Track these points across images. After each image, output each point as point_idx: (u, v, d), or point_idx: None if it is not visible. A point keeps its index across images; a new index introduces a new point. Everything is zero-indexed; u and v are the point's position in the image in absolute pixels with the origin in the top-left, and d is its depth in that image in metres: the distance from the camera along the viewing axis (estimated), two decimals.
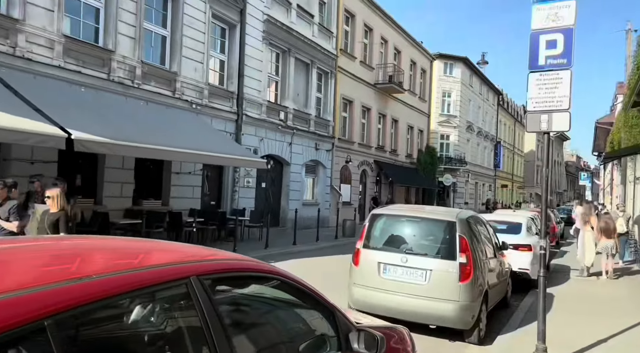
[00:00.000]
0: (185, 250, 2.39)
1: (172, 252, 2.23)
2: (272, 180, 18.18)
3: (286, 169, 18.78)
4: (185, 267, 1.90)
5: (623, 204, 18.49)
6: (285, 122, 18.16)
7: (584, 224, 11.95)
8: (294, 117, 18.75)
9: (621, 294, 9.27)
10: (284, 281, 2.41)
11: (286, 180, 18.76)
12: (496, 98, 51.88)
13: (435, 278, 5.85)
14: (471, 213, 6.87)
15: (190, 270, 1.86)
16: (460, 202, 40.72)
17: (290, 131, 18.47)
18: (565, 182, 79.60)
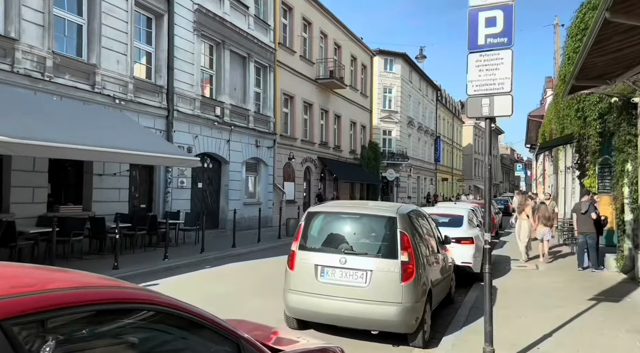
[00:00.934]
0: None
1: None
2: (209, 180, 17.23)
3: (225, 167, 17.88)
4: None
5: (549, 193, 19.38)
6: (222, 118, 17.26)
7: (519, 213, 12.62)
8: (231, 113, 17.89)
9: (560, 283, 9.30)
10: (164, 311, 1.76)
11: (225, 180, 17.86)
12: (435, 94, 53.14)
13: (376, 280, 5.37)
14: (412, 208, 6.48)
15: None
16: (404, 196, 41.30)
17: (227, 128, 17.58)
18: (501, 174, 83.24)
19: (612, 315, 6.73)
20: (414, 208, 6.61)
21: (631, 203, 9.11)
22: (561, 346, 5.36)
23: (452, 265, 8.00)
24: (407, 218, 5.81)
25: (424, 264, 5.79)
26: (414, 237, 5.71)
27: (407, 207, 6.31)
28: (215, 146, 17.01)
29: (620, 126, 9.23)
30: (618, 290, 8.40)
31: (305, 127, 25.29)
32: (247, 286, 8.91)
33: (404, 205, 6.41)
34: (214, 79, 17.36)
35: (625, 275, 9.49)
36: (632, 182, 9.01)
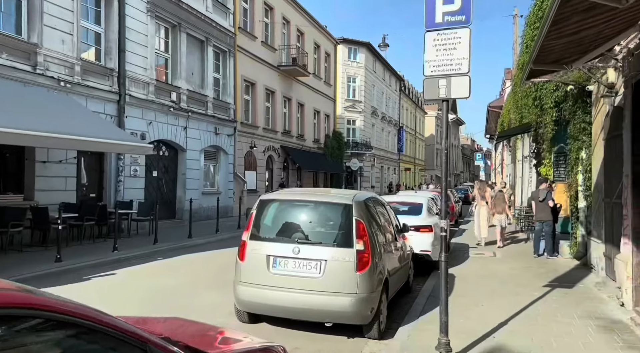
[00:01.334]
0: None
1: None
2: (165, 168, 16.58)
3: (182, 155, 17.24)
4: None
5: (505, 182, 20.00)
6: (178, 104, 16.59)
7: (479, 200, 13.31)
8: (188, 99, 17.22)
9: (516, 270, 9.38)
10: (50, 318, 1.43)
11: (182, 168, 17.24)
12: (398, 84, 53.45)
13: (331, 270, 5.13)
14: (369, 195, 6.26)
15: None
16: (367, 185, 41.49)
17: (184, 114, 16.93)
18: (462, 164, 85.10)
19: (565, 301, 6.77)
20: (371, 195, 6.40)
21: (585, 190, 9.25)
22: (516, 334, 5.30)
23: (410, 253, 7.89)
24: (363, 206, 5.59)
25: (381, 253, 5.59)
26: (370, 225, 5.50)
27: (364, 194, 6.08)
28: (172, 133, 16.35)
29: (576, 114, 9.32)
30: (571, 276, 8.52)
31: (268, 115, 24.80)
32: (200, 278, 8.52)
33: (361, 192, 6.20)
34: (169, 63, 16.64)
35: (578, 262, 9.66)
36: (586, 170, 9.14)
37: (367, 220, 5.45)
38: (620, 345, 4.91)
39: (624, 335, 5.21)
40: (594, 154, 8.70)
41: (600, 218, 8.18)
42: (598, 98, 8.34)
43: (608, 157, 7.62)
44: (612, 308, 6.30)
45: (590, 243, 8.91)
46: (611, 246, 7.43)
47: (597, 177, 8.43)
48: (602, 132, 7.97)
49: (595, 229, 8.60)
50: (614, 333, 5.30)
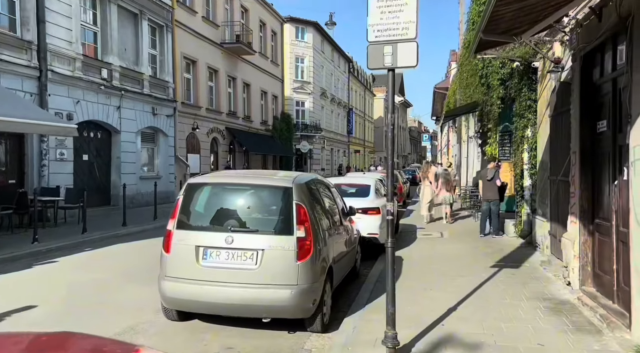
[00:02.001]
0: None
1: None
2: (97, 152, 15.35)
3: (116, 137, 16.03)
4: None
5: (450, 162, 20.87)
6: (110, 82, 15.31)
7: (423, 180, 13.85)
8: (121, 77, 15.95)
9: (463, 250, 9.27)
10: None
11: (116, 151, 16.04)
12: (347, 65, 53.12)
13: (268, 260, 4.61)
14: (312, 177, 5.76)
15: None
16: (318, 168, 41.18)
17: (117, 93, 15.67)
18: (409, 145, 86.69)
19: (513, 281, 6.63)
20: (314, 177, 5.90)
21: (530, 169, 9.22)
22: (466, 320, 5.03)
23: (357, 237, 7.52)
24: (304, 189, 5.08)
25: (324, 239, 5.13)
26: (312, 209, 5.01)
27: (306, 176, 5.57)
28: (103, 113, 15.10)
29: (521, 91, 9.22)
30: (517, 255, 8.48)
31: (211, 95, 23.69)
32: (128, 270, 7.75)
33: (303, 174, 5.68)
34: (99, 37, 15.27)
35: (523, 240, 9.69)
36: (532, 148, 9.09)
37: (309, 204, 4.95)
38: (569, 328, 4.73)
39: (572, 317, 5.07)
40: (539, 132, 8.63)
41: (545, 197, 8.13)
42: (544, 74, 8.22)
43: (554, 135, 7.52)
44: (559, 287, 6.21)
45: (535, 221, 8.91)
46: (556, 224, 7.38)
47: (542, 155, 8.37)
48: (548, 109, 7.86)
49: (540, 208, 8.59)
50: (563, 315, 5.15)
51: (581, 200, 5.75)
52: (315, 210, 5.11)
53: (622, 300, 4.82)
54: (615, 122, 5.01)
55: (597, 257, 5.59)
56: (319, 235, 4.97)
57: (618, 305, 4.90)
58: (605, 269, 5.35)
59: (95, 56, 15.09)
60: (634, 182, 4.25)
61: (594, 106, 5.59)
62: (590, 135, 5.65)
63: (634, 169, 4.21)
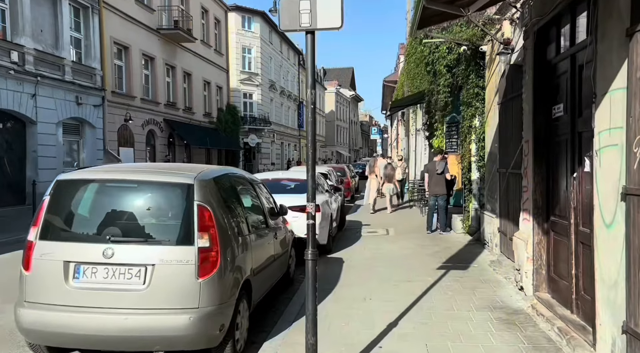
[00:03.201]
0: None
1: None
2: (7, 144, 13.60)
3: (31, 128, 14.30)
4: None
5: (401, 156, 21.20)
6: (23, 67, 13.58)
7: (370, 173, 14.95)
8: (37, 61, 14.22)
9: (409, 249, 8.59)
10: None
11: (32, 144, 14.32)
12: (297, 58, 52.03)
13: (161, 278, 3.62)
14: (225, 171, 4.77)
15: None
16: (267, 162, 40.01)
17: (32, 79, 13.95)
18: (361, 140, 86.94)
19: (461, 286, 5.95)
20: (228, 171, 4.90)
21: (478, 161, 8.65)
22: (408, 339, 4.25)
23: (291, 239, 6.63)
24: (211, 186, 4.09)
25: (238, 247, 4.19)
26: (222, 211, 4.04)
27: (216, 170, 4.57)
28: (14, 102, 13.37)
29: (469, 78, 8.62)
30: (465, 254, 7.88)
31: (147, 84, 22.03)
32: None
33: (212, 167, 4.68)
34: (7, 15, 13.47)
35: (471, 237, 9.14)
36: (479, 139, 8.51)
37: (217, 205, 3.99)
38: (525, 346, 4.05)
39: (527, 330, 4.40)
40: (487, 121, 8.04)
41: (494, 191, 7.56)
42: (492, 58, 7.61)
43: (503, 123, 6.92)
44: (511, 293, 5.57)
45: (483, 217, 8.35)
46: (506, 221, 6.79)
47: (491, 145, 7.79)
48: (497, 96, 7.26)
49: (488, 202, 8.02)
50: (516, 328, 4.47)
51: (535, 194, 5.12)
52: (226, 212, 4.14)
53: (582, 311, 4.19)
54: (573, 105, 4.37)
55: (552, 259, 4.97)
56: (230, 243, 4.02)
57: (578, 316, 4.27)
58: (562, 273, 4.74)
59: (3, 37, 13.30)
60: (598, 175, 3.58)
61: (549, 88, 4.95)
62: (545, 122, 5.02)
63: (599, 159, 3.53)
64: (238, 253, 4.16)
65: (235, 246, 4.14)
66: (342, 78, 77.19)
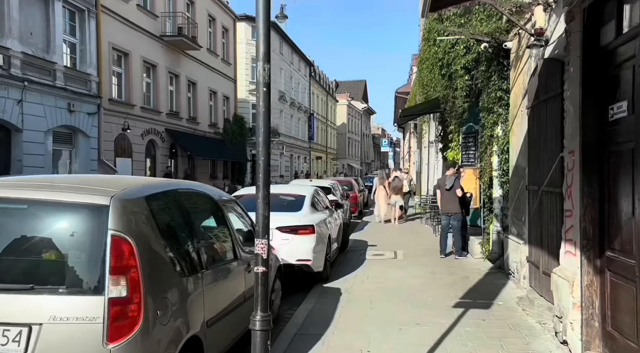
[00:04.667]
0: None
1: None
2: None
3: (16, 137, 13.40)
4: None
5: (407, 168, 22.57)
6: (8, 70, 12.74)
7: (379, 185, 15.81)
8: (25, 65, 13.37)
9: (420, 278, 7.35)
10: None
11: (17, 153, 13.41)
12: (308, 69, 51.29)
13: (50, 344, 2.49)
14: (169, 186, 3.53)
15: None
16: (276, 174, 39.00)
17: (18, 83, 13.10)
18: (373, 153, 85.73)
19: (484, 334, 4.72)
20: (174, 186, 3.68)
21: (501, 176, 7.43)
22: None
23: (276, 268, 5.48)
24: (139, 208, 2.94)
25: (180, 293, 3.04)
26: (155, 244, 2.91)
27: (153, 185, 3.38)
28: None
29: (490, 81, 7.45)
30: (487, 287, 6.62)
31: (148, 92, 21.19)
32: None
33: (148, 180, 3.57)
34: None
35: (492, 264, 7.88)
36: (502, 150, 7.31)
37: (146, 235, 2.85)
38: None
39: None
40: (512, 129, 6.85)
41: (521, 212, 6.33)
42: (519, 56, 6.44)
43: (534, 131, 5.72)
44: (550, 346, 4.32)
45: (507, 243, 7.09)
46: (538, 249, 5.55)
47: (517, 157, 6.58)
48: (525, 99, 6.07)
49: (514, 225, 6.77)
50: None
51: (583, 221, 3.90)
52: (161, 244, 2.99)
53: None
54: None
55: (609, 308, 3.74)
56: (164, 288, 2.89)
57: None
58: (623, 329, 3.50)
59: None
60: None
61: (605, 82, 3.77)
62: (598, 126, 3.83)
63: None
64: (179, 301, 3.02)
65: (175, 292, 3.00)
66: (354, 91, 76.38)
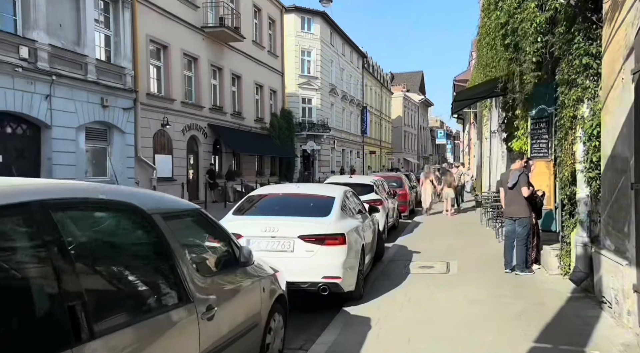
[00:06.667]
0: None
1: None
2: (17, 151, 12.27)
3: (46, 134, 12.94)
4: None
5: (460, 163, 22.98)
6: (34, 63, 12.24)
7: (425, 179, 16.31)
8: (53, 58, 12.86)
9: (477, 304, 5.69)
10: None
11: (47, 151, 12.94)
12: (361, 61, 49.53)
13: None
14: (33, 194, 2.25)
15: None
16: (327, 170, 37.79)
17: (46, 78, 12.60)
18: (430, 146, 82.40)
19: None
20: (65, 192, 2.39)
21: (588, 169, 5.58)
22: None
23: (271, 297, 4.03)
24: None
25: None
26: None
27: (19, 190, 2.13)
28: (24, 103, 12.01)
29: (572, 43, 5.62)
30: (571, 323, 4.85)
31: (190, 86, 20.54)
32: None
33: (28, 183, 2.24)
34: (18, 8, 12.20)
35: (573, 284, 6.03)
36: (590, 136, 5.47)
37: None
38: None
39: None
40: (606, 106, 5.02)
41: (622, 220, 4.53)
42: (617, 3, 4.62)
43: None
44: None
45: (599, 260, 5.25)
46: None
47: (614, 144, 4.76)
48: (630, 61, 4.27)
49: (610, 237, 4.95)
50: None
51: None
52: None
53: None
54: None
55: None
56: None
57: None
58: None
59: (15, 31, 12.02)
60: None
61: None
62: None
63: None
64: None
65: None
66: (410, 83, 73.55)
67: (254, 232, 5.58)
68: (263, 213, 6.28)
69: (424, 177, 16.63)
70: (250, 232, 5.57)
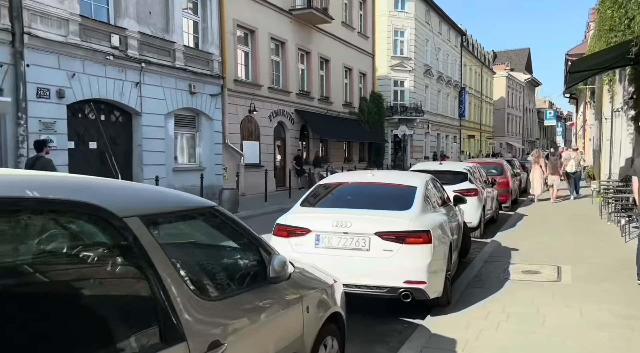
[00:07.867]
0: None
1: None
2: (111, 139, 12.73)
3: (137, 120, 13.33)
4: None
5: (576, 146, 21.64)
6: (125, 51, 12.57)
7: (534, 164, 15.34)
8: (142, 45, 13.15)
9: (605, 327, 4.40)
10: None
11: (138, 138, 13.34)
12: (459, 39, 46.42)
13: None
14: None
15: None
16: (420, 156, 36.10)
17: (136, 65, 12.90)
18: (537, 129, 75.83)
19: None
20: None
21: None
22: None
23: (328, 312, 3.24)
24: None
25: None
26: None
27: None
28: (115, 91, 12.40)
29: None
30: None
31: (277, 71, 20.31)
32: None
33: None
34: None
35: None
36: None
37: None
38: None
39: None
40: None
41: None
42: None
43: None
44: None
45: None
46: None
47: None
48: None
49: None
50: None
51: None
52: None
53: None
54: None
55: None
56: None
57: None
58: None
59: (107, 20, 12.40)
60: None
61: None
62: None
63: None
64: None
65: None
66: (516, 61, 67.92)
67: (323, 226, 4.83)
68: (334, 205, 5.50)
69: (533, 162, 15.82)
70: (320, 227, 4.84)
